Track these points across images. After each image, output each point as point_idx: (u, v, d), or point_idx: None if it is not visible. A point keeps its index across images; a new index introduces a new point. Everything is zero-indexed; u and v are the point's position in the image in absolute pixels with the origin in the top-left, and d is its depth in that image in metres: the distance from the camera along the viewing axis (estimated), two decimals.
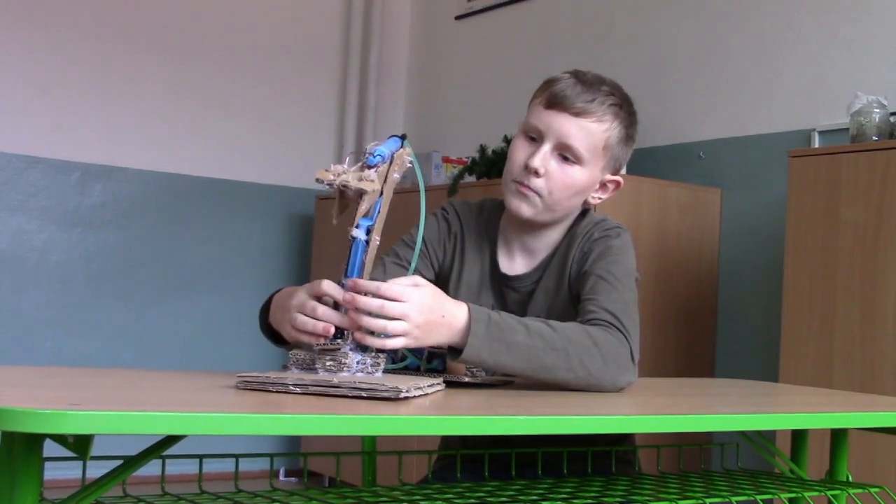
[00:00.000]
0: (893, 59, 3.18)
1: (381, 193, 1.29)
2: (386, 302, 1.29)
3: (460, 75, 4.98)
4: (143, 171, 4.56)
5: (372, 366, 1.27)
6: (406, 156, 1.34)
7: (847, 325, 2.75)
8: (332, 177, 1.24)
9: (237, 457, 1.35)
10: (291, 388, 1.14)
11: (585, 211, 1.76)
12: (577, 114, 1.64)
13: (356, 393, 1.12)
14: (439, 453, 1.81)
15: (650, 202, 3.45)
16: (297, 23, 4.97)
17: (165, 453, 1.08)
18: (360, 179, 1.25)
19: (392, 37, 5.22)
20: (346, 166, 1.27)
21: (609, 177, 1.73)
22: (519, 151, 1.68)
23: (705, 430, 1.28)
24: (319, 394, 1.14)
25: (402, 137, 1.33)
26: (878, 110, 2.87)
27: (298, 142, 4.97)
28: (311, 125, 5.00)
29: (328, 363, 1.25)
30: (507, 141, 4.04)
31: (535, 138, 1.68)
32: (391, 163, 1.31)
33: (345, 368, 1.24)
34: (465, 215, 1.79)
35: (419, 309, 1.32)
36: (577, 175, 1.67)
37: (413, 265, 1.49)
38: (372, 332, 1.29)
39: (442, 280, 1.77)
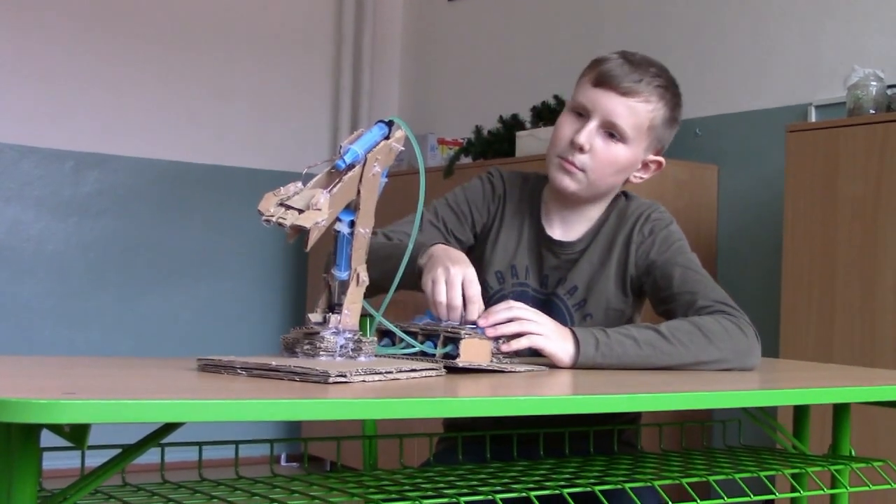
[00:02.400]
0: (890, 31, 3.16)
1: (359, 193, 1.25)
2: (517, 309, 1.46)
3: (455, 56, 4.95)
4: (138, 158, 4.54)
5: (353, 350, 1.24)
6: (395, 143, 1.30)
7: (847, 300, 2.75)
8: (271, 210, 1.17)
9: (237, 443, 1.34)
10: (239, 371, 1.15)
11: (626, 194, 1.80)
12: (625, 93, 1.67)
13: (290, 376, 1.12)
14: (440, 436, 1.80)
15: (647, 179, 3.43)
16: (290, 6, 4.94)
17: (164, 441, 1.07)
18: (307, 207, 1.17)
19: (385, 18, 5.19)
20: (298, 186, 1.20)
21: (651, 157, 1.76)
22: (565, 127, 1.72)
23: (708, 408, 1.28)
24: (261, 376, 1.13)
25: (389, 124, 1.30)
26: (875, 83, 2.85)
27: (293, 126, 4.94)
28: (306, 109, 4.98)
29: (306, 347, 1.24)
30: (503, 121, 4.02)
31: (582, 115, 1.71)
32: (367, 157, 1.26)
33: (321, 352, 1.23)
34: (509, 180, 1.83)
35: (551, 321, 1.48)
36: (620, 153, 1.70)
37: (412, 240, 1.47)
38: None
39: (481, 240, 1.80)
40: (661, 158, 1.78)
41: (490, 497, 1.20)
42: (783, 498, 1.45)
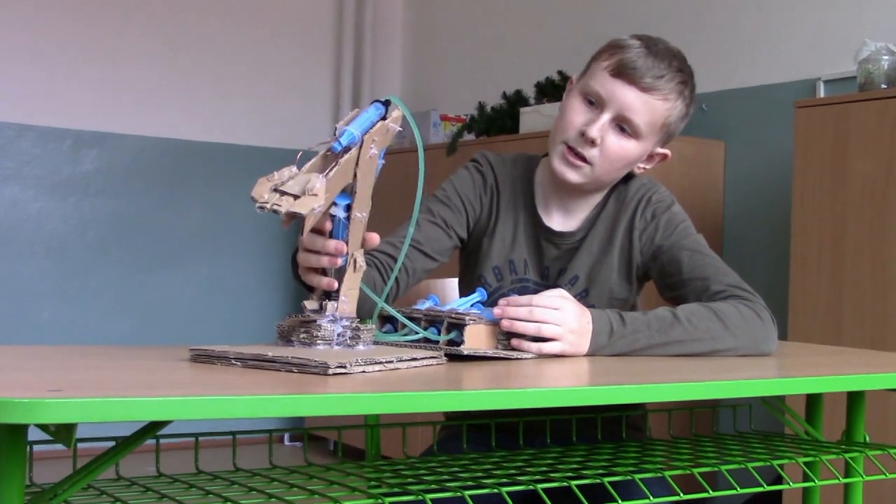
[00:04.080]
0: None
1: (355, 176, 1.20)
2: (536, 308, 1.36)
3: (457, 32, 4.89)
4: (137, 136, 4.49)
5: (352, 338, 1.20)
6: (392, 123, 1.24)
7: (857, 280, 2.70)
8: (265, 196, 1.12)
9: (234, 434, 1.30)
10: (233, 361, 1.11)
11: (628, 175, 1.72)
12: (645, 89, 1.58)
13: (288, 368, 1.08)
14: (444, 424, 1.77)
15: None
16: None
17: (160, 433, 1.04)
18: (303, 192, 1.12)
19: None
20: (293, 170, 1.15)
21: (659, 150, 1.69)
22: (576, 114, 1.62)
23: (718, 397, 1.23)
24: (257, 367, 1.09)
25: (386, 103, 1.25)
26: (887, 57, 2.79)
27: (294, 103, 4.89)
28: (307, 85, 4.93)
29: (302, 336, 1.20)
30: (506, 97, 3.97)
31: (594, 103, 1.62)
32: (363, 139, 1.21)
33: (318, 341, 1.19)
34: (499, 167, 1.74)
35: (573, 315, 1.39)
36: (631, 149, 1.62)
37: (410, 232, 1.42)
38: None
39: (476, 235, 1.73)
40: (667, 151, 1.70)
41: (495, 490, 1.16)
42: (795, 487, 1.41)
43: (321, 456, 4.24)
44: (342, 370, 1.07)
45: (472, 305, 1.45)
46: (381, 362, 1.13)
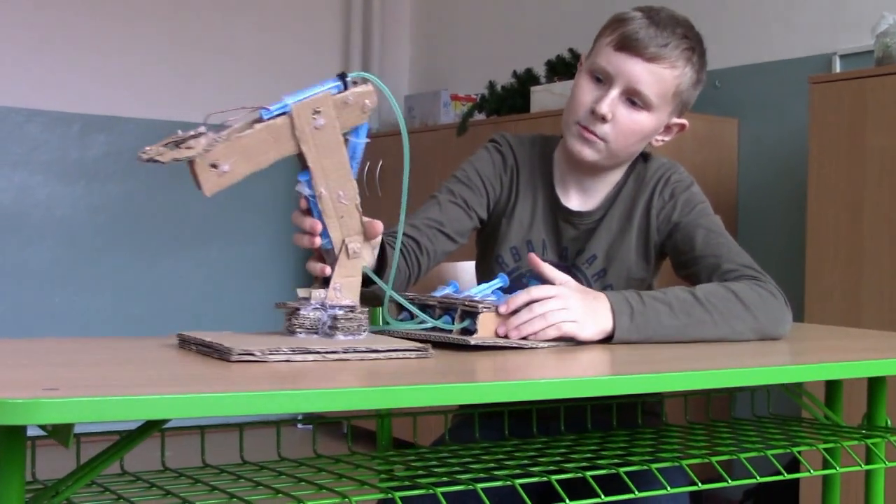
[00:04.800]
0: None
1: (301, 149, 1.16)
2: (534, 305, 1.32)
3: (467, 9, 4.83)
4: (146, 119, 4.47)
5: (331, 327, 1.16)
6: (353, 97, 1.19)
7: (875, 259, 2.65)
8: (150, 150, 1.10)
9: (241, 426, 1.28)
10: (192, 347, 1.15)
11: (644, 155, 1.71)
12: (651, 59, 1.56)
13: (205, 352, 1.10)
14: (456, 412, 1.74)
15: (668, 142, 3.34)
16: None
17: (165, 426, 1.01)
18: (178, 147, 1.10)
19: None
20: (203, 129, 1.12)
21: (675, 120, 1.66)
22: (585, 93, 1.61)
23: (737, 385, 1.20)
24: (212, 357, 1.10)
25: (342, 76, 1.20)
26: None
27: (303, 83, 4.76)
28: (315, 66, 4.88)
29: (286, 324, 1.18)
30: (517, 76, 3.92)
31: (602, 80, 1.60)
32: (295, 108, 1.17)
33: (298, 329, 1.16)
34: (518, 147, 1.73)
35: (573, 297, 1.36)
36: (644, 121, 1.60)
37: (402, 220, 1.38)
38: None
39: (495, 216, 1.71)
40: (684, 121, 1.68)
41: (509, 483, 1.13)
42: (816, 475, 1.37)
43: (334, 440, 4.23)
44: (248, 357, 1.04)
45: (492, 292, 1.40)
46: (317, 352, 1.08)
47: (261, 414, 0.88)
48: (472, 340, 1.25)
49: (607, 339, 1.38)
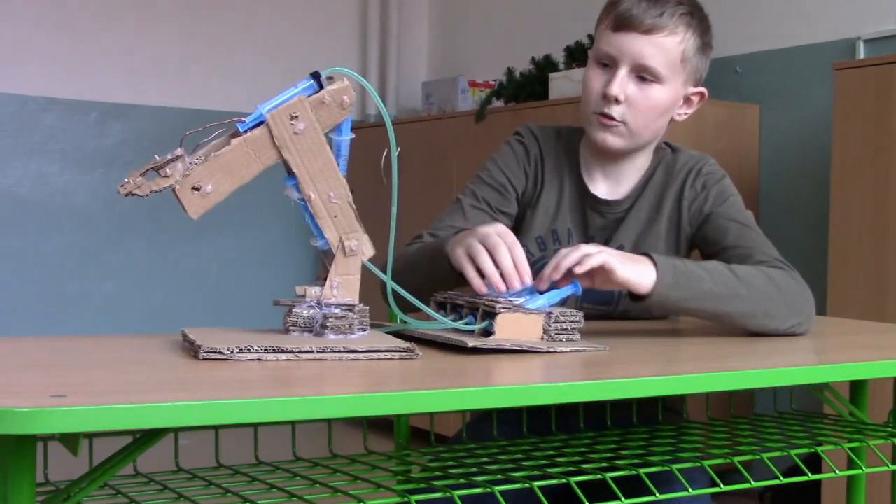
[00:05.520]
0: None
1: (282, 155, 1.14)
2: (562, 261, 1.32)
3: None
4: (162, 107, 4.46)
5: (322, 326, 1.13)
6: (329, 96, 1.15)
7: None
8: (129, 183, 1.08)
9: (255, 426, 1.26)
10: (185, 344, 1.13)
11: (671, 146, 1.71)
12: (648, 31, 1.56)
13: (192, 349, 1.09)
14: (473, 410, 1.72)
15: (684, 121, 3.29)
16: None
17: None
18: (156, 173, 1.08)
19: None
20: (180, 151, 1.11)
21: (692, 90, 1.66)
22: (594, 80, 1.61)
23: (760, 387, 1.17)
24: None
25: (315, 76, 1.18)
26: None
27: (320, 68, 4.81)
28: (332, 53, 4.85)
29: (284, 322, 1.16)
30: (535, 62, 3.88)
31: (608, 64, 1.60)
32: (270, 116, 1.14)
33: (291, 327, 1.14)
34: (542, 137, 1.72)
35: (607, 248, 1.36)
36: (658, 95, 1.59)
37: (394, 212, 1.35)
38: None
39: (521, 207, 1.70)
40: (702, 89, 1.67)
41: (527, 485, 1.11)
42: (841, 475, 1.35)
43: (352, 431, 4.22)
44: (215, 355, 1.03)
45: (561, 300, 1.34)
46: (290, 351, 1.06)
47: None
48: (471, 343, 1.16)
49: (642, 299, 1.37)
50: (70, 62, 4.27)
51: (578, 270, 1.31)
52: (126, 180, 1.07)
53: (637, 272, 1.36)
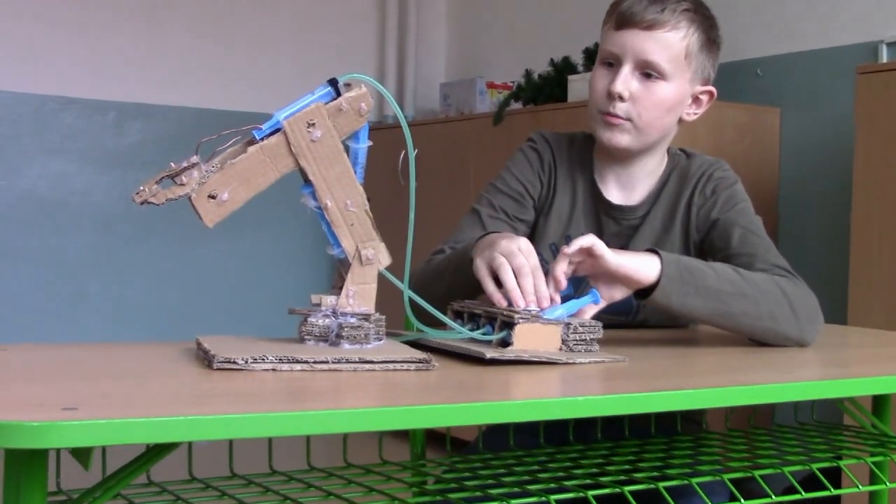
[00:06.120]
0: None
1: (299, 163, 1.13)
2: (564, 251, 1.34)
3: None
4: (181, 107, 4.46)
5: (337, 336, 1.12)
6: (347, 103, 1.14)
7: None
8: (144, 192, 1.07)
9: (270, 438, 1.25)
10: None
11: (686, 152, 1.70)
12: (650, 27, 1.56)
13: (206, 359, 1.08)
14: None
15: (704, 123, 3.26)
16: None
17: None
18: (172, 181, 1.08)
19: None
20: (195, 158, 1.10)
21: (700, 88, 1.64)
22: (598, 80, 1.61)
23: (781, 401, 1.15)
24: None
25: (332, 83, 1.16)
26: None
27: (337, 71, 4.74)
28: (350, 54, 4.85)
29: (299, 331, 1.15)
30: (554, 64, 3.86)
31: (613, 64, 1.60)
32: (287, 123, 1.12)
33: (306, 336, 1.13)
34: (556, 143, 1.72)
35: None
36: (663, 91, 1.58)
37: (411, 224, 1.34)
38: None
39: (535, 214, 1.69)
40: (710, 88, 1.65)
41: (544, 499, 1.10)
42: (864, 490, 1.33)
43: (367, 439, 4.21)
44: (229, 366, 1.02)
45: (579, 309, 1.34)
46: (305, 361, 1.05)
47: None
48: (489, 354, 1.15)
49: (645, 294, 1.37)
50: (88, 62, 4.27)
51: (566, 251, 1.33)
52: (141, 188, 1.06)
53: (638, 262, 1.36)
